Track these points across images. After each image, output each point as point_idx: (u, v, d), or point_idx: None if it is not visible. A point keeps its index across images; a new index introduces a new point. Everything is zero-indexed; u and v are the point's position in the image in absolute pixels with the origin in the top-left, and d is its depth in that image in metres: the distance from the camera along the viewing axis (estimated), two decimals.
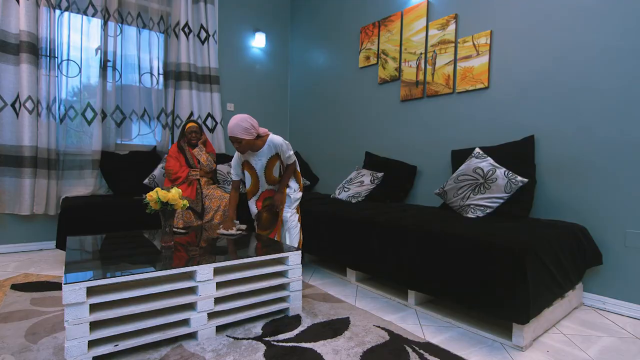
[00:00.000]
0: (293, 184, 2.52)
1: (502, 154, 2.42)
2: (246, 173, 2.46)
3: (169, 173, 3.02)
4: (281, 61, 4.77)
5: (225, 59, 4.30)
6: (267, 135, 2.38)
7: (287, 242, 2.45)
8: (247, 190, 2.52)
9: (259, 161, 2.39)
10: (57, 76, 3.22)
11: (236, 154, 2.44)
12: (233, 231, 2.26)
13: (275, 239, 2.43)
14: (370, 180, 3.13)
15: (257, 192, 2.51)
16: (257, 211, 2.52)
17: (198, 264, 1.59)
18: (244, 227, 2.38)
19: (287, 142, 2.42)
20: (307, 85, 4.54)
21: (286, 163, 2.45)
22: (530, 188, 2.25)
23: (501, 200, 2.22)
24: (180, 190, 1.93)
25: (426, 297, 2.11)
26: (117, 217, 2.82)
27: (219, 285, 1.69)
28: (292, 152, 2.43)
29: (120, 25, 3.55)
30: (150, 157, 3.58)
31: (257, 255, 1.79)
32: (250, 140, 2.24)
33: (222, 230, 2.27)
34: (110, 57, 3.45)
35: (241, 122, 2.20)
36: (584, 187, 2.19)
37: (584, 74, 2.20)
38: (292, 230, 2.45)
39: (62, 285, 1.30)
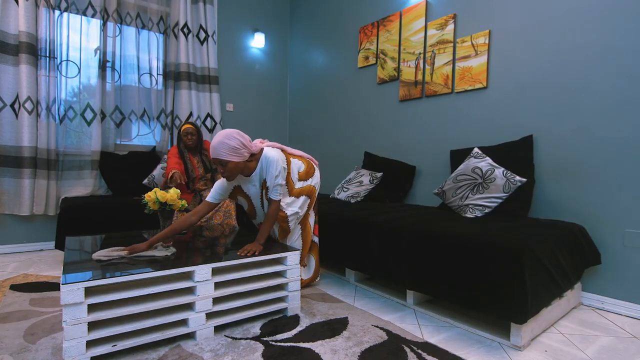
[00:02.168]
0: (287, 198, 2.08)
1: (500, 153, 2.42)
2: (240, 198, 2.08)
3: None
4: (280, 61, 4.77)
5: (225, 59, 4.31)
6: (261, 151, 1.90)
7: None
8: (247, 212, 2.18)
9: (252, 187, 1.96)
10: (57, 77, 3.23)
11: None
12: (115, 254, 1.64)
13: None
14: (369, 180, 3.14)
15: (256, 216, 2.18)
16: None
17: (196, 264, 1.59)
18: (164, 253, 1.70)
19: (284, 165, 1.90)
20: (306, 86, 4.54)
21: (269, 195, 1.90)
22: (529, 188, 2.25)
23: (500, 200, 2.22)
24: (179, 191, 1.93)
25: (425, 297, 2.12)
26: (116, 218, 2.82)
27: (218, 285, 1.70)
28: (282, 182, 1.89)
29: (119, 25, 3.56)
30: (149, 158, 3.58)
31: (255, 256, 1.79)
32: (239, 163, 1.78)
33: (100, 253, 1.61)
34: (109, 57, 3.46)
35: (227, 140, 1.71)
36: (582, 186, 2.19)
37: (583, 74, 2.20)
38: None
39: (60, 285, 1.30)
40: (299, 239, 2.24)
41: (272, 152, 1.90)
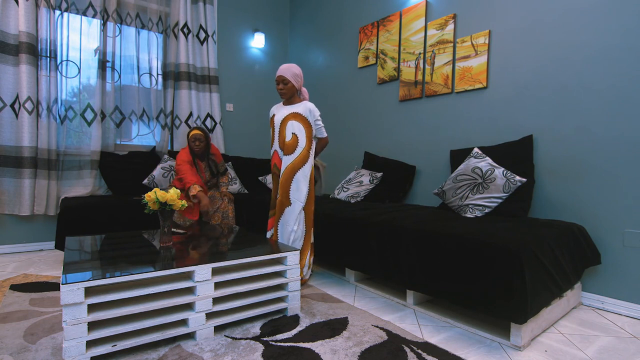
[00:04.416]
0: (303, 187, 2.35)
1: (500, 153, 2.42)
2: (271, 129, 2.50)
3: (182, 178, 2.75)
4: (280, 61, 4.77)
5: (225, 59, 4.31)
6: (303, 100, 2.46)
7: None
8: (272, 139, 2.50)
9: (283, 110, 2.41)
10: (57, 77, 3.22)
11: (270, 111, 2.52)
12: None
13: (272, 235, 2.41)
14: (369, 180, 3.14)
15: (272, 146, 2.48)
16: (273, 165, 2.48)
17: (196, 264, 1.59)
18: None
19: (320, 113, 2.44)
20: (306, 86, 4.54)
21: (317, 134, 2.43)
22: (529, 188, 2.25)
23: (500, 200, 2.22)
24: (179, 191, 1.93)
25: (425, 297, 2.11)
26: (116, 218, 2.82)
27: (217, 285, 1.70)
28: (321, 123, 2.45)
29: (119, 25, 3.56)
30: (149, 158, 3.58)
31: (255, 256, 1.79)
32: (294, 87, 2.34)
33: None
34: (109, 57, 3.46)
35: (293, 68, 2.34)
36: (582, 186, 2.19)
37: (582, 73, 2.20)
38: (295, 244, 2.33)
39: (60, 285, 1.30)
40: (301, 238, 2.33)
41: (311, 103, 2.42)
